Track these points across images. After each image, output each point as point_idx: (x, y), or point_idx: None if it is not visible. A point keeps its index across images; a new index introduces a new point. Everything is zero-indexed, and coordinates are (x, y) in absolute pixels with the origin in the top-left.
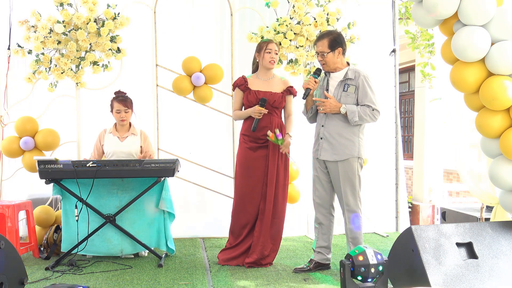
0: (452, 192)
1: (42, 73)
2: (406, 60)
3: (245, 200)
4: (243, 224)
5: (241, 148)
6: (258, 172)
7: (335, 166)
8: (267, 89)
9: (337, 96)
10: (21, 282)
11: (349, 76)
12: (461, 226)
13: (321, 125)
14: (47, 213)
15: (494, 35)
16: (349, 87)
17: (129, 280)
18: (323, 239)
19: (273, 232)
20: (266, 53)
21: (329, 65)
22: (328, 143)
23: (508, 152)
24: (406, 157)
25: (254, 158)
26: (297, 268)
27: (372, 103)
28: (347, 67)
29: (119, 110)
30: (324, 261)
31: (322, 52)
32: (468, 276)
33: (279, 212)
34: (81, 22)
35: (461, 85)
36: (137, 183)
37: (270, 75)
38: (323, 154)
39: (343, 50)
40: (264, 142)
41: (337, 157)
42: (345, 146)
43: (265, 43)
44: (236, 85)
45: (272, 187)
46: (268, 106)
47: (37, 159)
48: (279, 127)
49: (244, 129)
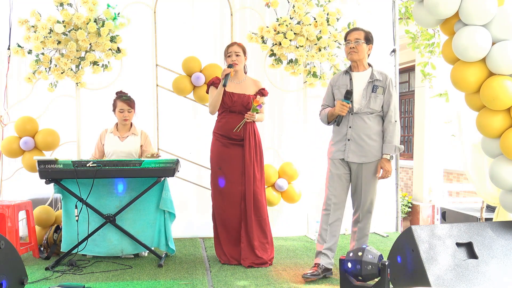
0: (452, 192)
1: (42, 73)
2: (406, 60)
3: (225, 199)
4: (228, 227)
5: (214, 146)
6: (235, 171)
7: (360, 167)
8: (240, 91)
9: (365, 97)
10: (21, 282)
11: (376, 77)
12: (461, 226)
13: (348, 126)
14: (47, 213)
15: (495, 35)
16: (378, 89)
17: (129, 280)
18: (332, 241)
19: (260, 230)
20: (227, 58)
21: (359, 54)
22: (357, 145)
23: (508, 152)
24: (406, 157)
25: (229, 156)
26: (307, 274)
27: (393, 111)
28: (370, 68)
29: (123, 110)
30: (329, 265)
31: (358, 39)
32: (468, 276)
33: (261, 211)
34: (81, 22)
35: (462, 85)
36: (137, 183)
37: (241, 77)
38: (351, 156)
39: (370, 52)
40: (238, 141)
41: (365, 159)
42: (373, 147)
43: (226, 48)
44: (211, 83)
45: (250, 187)
46: (242, 107)
47: (37, 159)
48: (252, 128)
49: (217, 128)
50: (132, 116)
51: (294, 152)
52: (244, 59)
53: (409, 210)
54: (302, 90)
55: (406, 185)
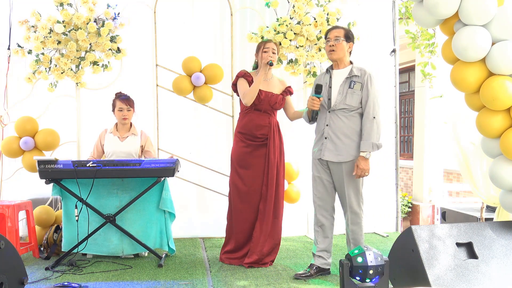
0: (452, 192)
1: (42, 73)
2: (406, 60)
3: (244, 201)
4: (244, 229)
5: (237, 146)
6: (257, 172)
7: (339, 167)
8: (267, 89)
9: (342, 93)
10: (21, 282)
11: (354, 73)
12: (461, 226)
13: (325, 124)
14: (47, 213)
15: (494, 35)
16: (355, 84)
17: (129, 280)
18: (324, 242)
19: (274, 232)
20: (263, 52)
21: (338, 52)
22: (333, 143)
23: (508, 152)
24: (406, 157)
25: (252, 157)
26: (298, 274)
27: (371, 108)
28: (351, 65)
29: (122, 109)
30: (324, 265)
31: (337, 37)
32: (468, 276)
33: (279, 212)
34: (81, 22)
35: (462, 85)
36: (137, 183)
37: (269, 75)
38: (326, 155)
39: (351, 49)
40: (262, 141)
41: (341, 158)
42: (349, 146)
43: (263, 43)
44: (242, 75)
45: (272, 187)
46: (268, 106)
47: (37, 159)
48: (276, 127)
49: (241, 127)
50: (132, 115)
51: (294, 152)
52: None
53: (409, 210)
54: (302, 90)
55: (406, 185)
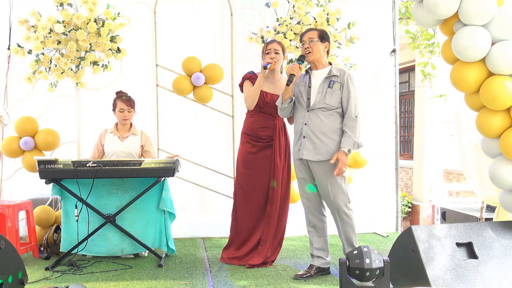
0: (452, 192)
1: (42, 73)
2: (406, 60)
3: (249, 201)
4: (248, 229)
5: (243, 147)
6: (262, 172)
7: (319, 166)
8: (274, 91)
9: (321, 92)
10: (21, 282)
11: (334, 73)
12: (461, 226)
13: (304, 123)
14: (47, 213)
15: (494, 35)
16: (334, 84)
17: (129, 280)
18: (319, 242)
19: (278, 234)
20: (265, 54)
21: (315, 53)
22: (311, 142)
23: (508, 152)
24: (406, 157)
25: (257, 158)
26: (298, 275)
27: (353, 107)
28: (330, 66)
29: (123, 109)
30: (324, 265)
31: (312, 38)
32: (468, 276)
33: (285, 213)
34: (81, 22)
35: (462, 85)
36: (137, 183)
37: (277, 77)
38: (305, 154)
39: (328, 49)
40: (268, 142)
41: (320, 157)
42: (328, 145)
43: (266, 44)
44: (248, 77)
45: (278, 188)
46: (273, 109)
47: (37, 159)
48: (282, 129)
49: (246, 128)
50: (132, 116)
51: None
52: (283, 58)
53: (409, 210)
54: None
55: (406, 185)
